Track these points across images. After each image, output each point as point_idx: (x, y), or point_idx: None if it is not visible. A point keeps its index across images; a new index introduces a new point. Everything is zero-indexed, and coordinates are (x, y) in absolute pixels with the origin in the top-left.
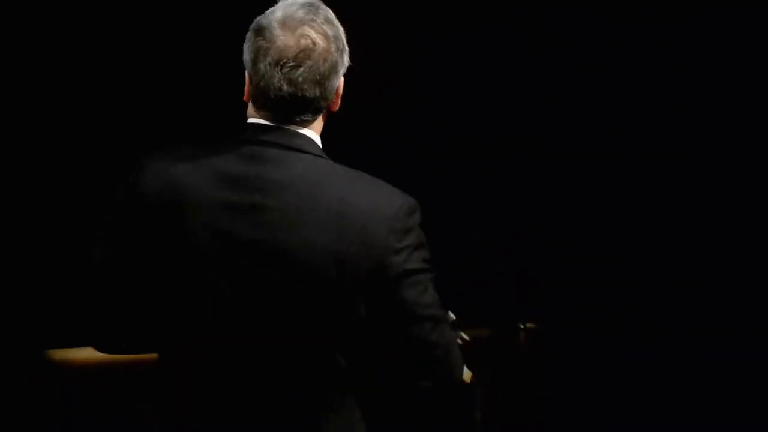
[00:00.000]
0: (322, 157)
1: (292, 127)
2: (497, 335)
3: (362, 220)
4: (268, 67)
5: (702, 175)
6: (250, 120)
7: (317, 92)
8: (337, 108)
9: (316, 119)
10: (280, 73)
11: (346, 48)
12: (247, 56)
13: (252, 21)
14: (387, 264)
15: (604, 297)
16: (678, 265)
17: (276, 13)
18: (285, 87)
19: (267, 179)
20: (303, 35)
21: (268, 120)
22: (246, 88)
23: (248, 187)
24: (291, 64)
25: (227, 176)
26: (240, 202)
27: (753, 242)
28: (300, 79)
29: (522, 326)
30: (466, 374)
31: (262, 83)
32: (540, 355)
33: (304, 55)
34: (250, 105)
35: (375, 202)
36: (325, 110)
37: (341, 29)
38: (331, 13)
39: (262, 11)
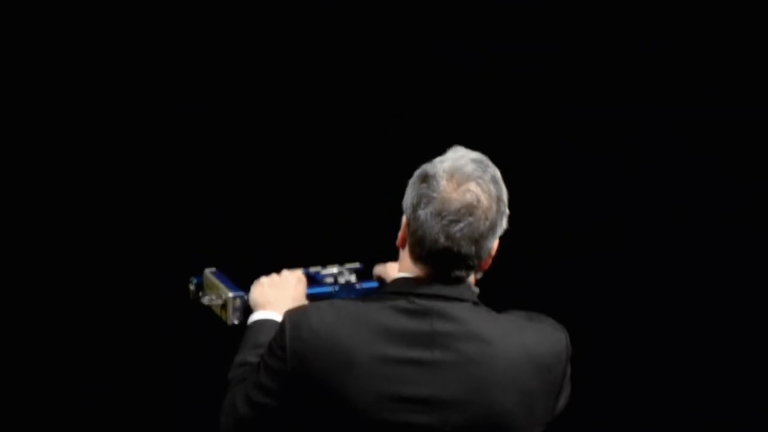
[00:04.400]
0: (478, 304)
1: (448, 281)
2: None
3: (548, 359)
4: (428, 216)
5: None
6: (405, 274)
7: (472, 250)
8: (488, 267)
9: (469, 275)
10: (439, 224)
11: (507, 211)
12: (408, 201)
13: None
14: (562, 393)
15: None
16: None
17: (445, 163)
18: (442, 240)
19: (436, 333)
20: (468, 191)
21: (423, 273)
22: (402, 233)
23: (417, 342)
24: (452, 217)
25: (392, 332)
26: (411, 358)
27: None
28: (458, 234)
29: None
30: None
31: (419, 232)
32: None
33: (466, 210)
34: (405, 255)
35: (554, 339)
36: (476, 268)
37: (505, 191)
38: (498, 172)
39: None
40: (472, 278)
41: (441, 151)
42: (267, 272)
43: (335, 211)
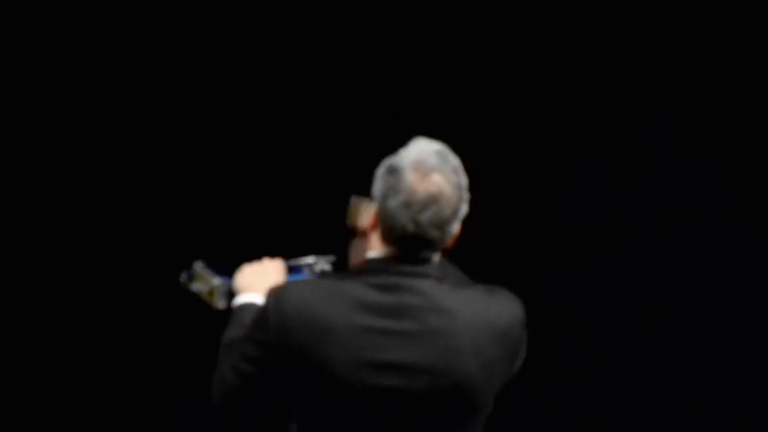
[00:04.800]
0: (441, 279)
1: (415, 262)
2: None
3: (506, 328)
4: (397, 207)
5: None
6: (375, 254)
7: (438, 235)
8: (451, 247)
9: (434, 255)
10: (408, 214)
11: (468, 196)
12: (378, 191)
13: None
14: (518, 357)
15: None
16: None
17: (409, 155)
18: (411, 227)
19: (404, 305)
20: (432, 181)
21: (392, 254)
22: (371, 219)
23: (388, 313)
24: (419, 207)
25: (366, 305)
26: (383, 328)
27: None
28: (425, 222)
29: None
30: None
31: (389, 220)
32: None
33: (431, 200)
34: (374, 237)
35: (511, 309)
36: (441, 249)
37: (465, 179)
38: (459, 162)
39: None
40: (436, 257)
41: None
42: (249, 262)
43: (331, 210)
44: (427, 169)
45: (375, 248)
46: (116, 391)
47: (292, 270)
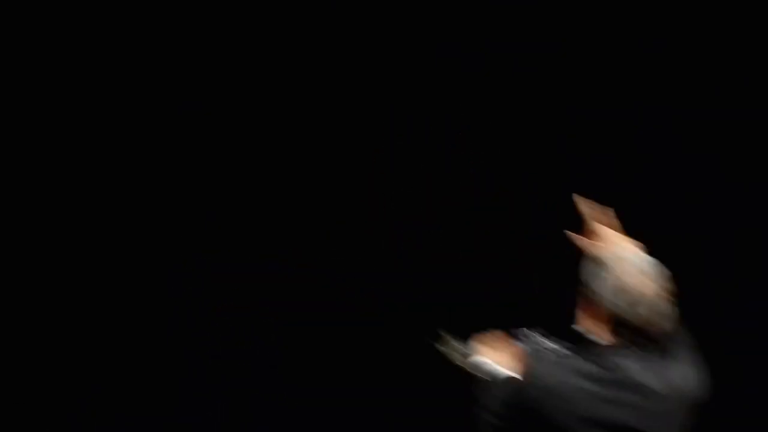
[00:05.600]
0: (646, 358)
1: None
2: None
3: (692, 391)
4: (622, 305)
5: None
6: (599, 339)
7: (652, 328)
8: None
9: (644, 341)
10: (631, 311)
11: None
12: (604, 291)
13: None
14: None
15: None
16: None
17: (635, 263)
18: (633, 321)
19: (618, 380)
20: (652, 286)
21: (613, 339)
22: (594, 309)
23: (607, 385)
24: (640, 306)
25: (590, 377)
26: (601, 396)
27: None
28: (645, 316)
29: None
30: None
31: (614, 314)
32: None
33: (650, 300)
34: (599, 325)
35: (694, 375)
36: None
37: (673, 287)
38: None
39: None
40: (645, 342)
41: (442, 150)
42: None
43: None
44: (649, 275)
45: (598, 332)
46: (116, 391)
47: (514, 340)
